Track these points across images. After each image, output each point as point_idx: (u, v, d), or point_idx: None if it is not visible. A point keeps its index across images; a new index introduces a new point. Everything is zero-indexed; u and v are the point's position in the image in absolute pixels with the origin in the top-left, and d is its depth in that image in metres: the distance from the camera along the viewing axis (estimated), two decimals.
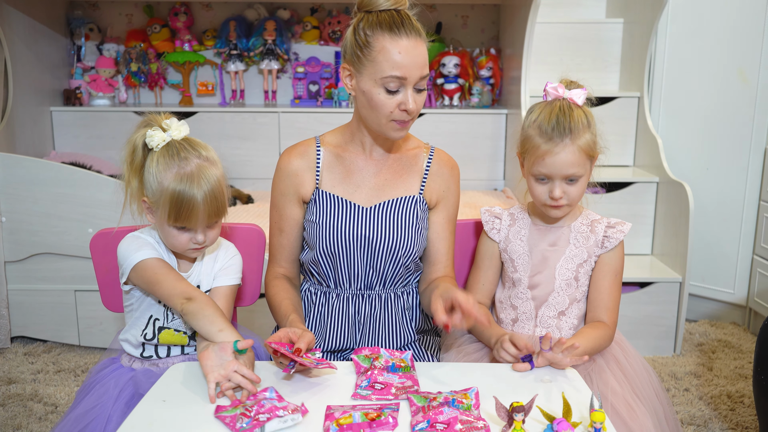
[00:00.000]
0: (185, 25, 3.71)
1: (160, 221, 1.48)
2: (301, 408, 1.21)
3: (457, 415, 1.20)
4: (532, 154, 1.57)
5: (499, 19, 3.76)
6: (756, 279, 3.15)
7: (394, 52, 1.50)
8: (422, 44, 1.54)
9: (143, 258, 1.49)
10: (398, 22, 1.52)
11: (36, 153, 3.36)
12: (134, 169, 1.49)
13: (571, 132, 1.54)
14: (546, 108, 1.57)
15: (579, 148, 1.55)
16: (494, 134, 3.60)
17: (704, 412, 2.48)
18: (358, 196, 1.66)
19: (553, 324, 1.65)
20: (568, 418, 1.15)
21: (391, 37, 1.50)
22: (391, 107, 1.54)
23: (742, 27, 3.10)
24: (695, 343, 3.07)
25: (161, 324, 1.57)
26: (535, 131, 1.56)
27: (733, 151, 3.19)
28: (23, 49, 3.25)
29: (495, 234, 1.71)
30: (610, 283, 1.65)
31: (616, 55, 3.56)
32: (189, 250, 1.51)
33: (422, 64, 1.53)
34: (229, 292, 1.59)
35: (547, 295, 1.65)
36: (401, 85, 1.52)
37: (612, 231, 1.64)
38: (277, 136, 3.59)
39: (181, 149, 1.45)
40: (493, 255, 1.72)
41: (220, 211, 1.49)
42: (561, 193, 1.56)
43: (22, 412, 2.41)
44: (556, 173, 1.55)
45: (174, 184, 1.43)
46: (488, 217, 1.74)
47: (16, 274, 2.90)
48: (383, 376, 1.36)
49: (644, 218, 3.25)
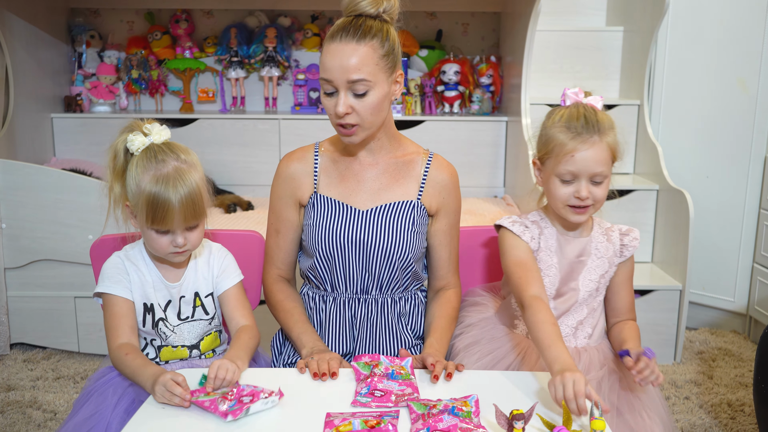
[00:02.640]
0: (186, 32, 3.72)
1: (141, 225, 1.49)
2: (278, 392, 1.29)
3: (457, 422, 1.20)
4: (558, 153, 1.54)
5: (499, 26, 3.77)
6: (756, 287, 3.15)
7: (324, 56, 1.55)
8: (358, 48, 1.51)
9: (105, 291, 1.53)
10: (341, 27, 1.54)
11: (36, 159, 3.36)
12: (116, 174, 1.51)
13: (599, 130, 1.53)
14: (571, 108, 1.57)
15: (608, 145, 1.54)
16: (494, 141, 3.60)
17: (704, 421, 2.48)
18: (355, 199, 1.66)
19: (570, 333, 1.65)
20: (569, 426, 1.14)
21: (328, 43, 1.55)
22: (330, 110, 1.57)
23: (741, 35, 3.11)
24: (695, 351, 3.07)
25: (159, 343, 1.57)
26: (561, 130, 1.54)
27: (733, 159, 3.19)
28: (24, 55, 3.26)
29: (530, 240, 1.62)
30: (629, 287, 1.68)
31: (616, 63, 3.56)
32: (171, 254, 1.51)
33: (349, 68, 1.51)
34: (237, 290, 1.62)
35: (570, 306, 1.64)
36: (333, 87, 1.54)
37: (627, 239, 1.67)
38: (278, 143, 3.59)
39: (159, 152, 1.46)
40: (529, 254, 1.61)
41: (198, 213, 1.48)
42: (587, 193, 1.53)
43: (21, 419, 2.40)
44: (584, 171, 1.53)
45: (150, 185, 1.44)
46: (517, 226, 1.63)
47: (15, 280, 2.90)
48: (383, 383, 1.37)
49: (644, 226, 3.24)
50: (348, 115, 1.55)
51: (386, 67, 1.56)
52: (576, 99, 1.59)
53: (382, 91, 1.56)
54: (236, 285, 1.62)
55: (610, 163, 1.56)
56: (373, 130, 1.61)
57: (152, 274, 1.55)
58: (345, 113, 1.54)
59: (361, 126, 1.57)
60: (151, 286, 1.55)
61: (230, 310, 1.61)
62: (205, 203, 1.50)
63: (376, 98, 1.55)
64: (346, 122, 1.56)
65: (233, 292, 1.62)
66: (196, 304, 1.58)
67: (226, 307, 1.61)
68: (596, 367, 1.58)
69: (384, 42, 1.55)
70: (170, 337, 1.56)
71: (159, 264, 1.56)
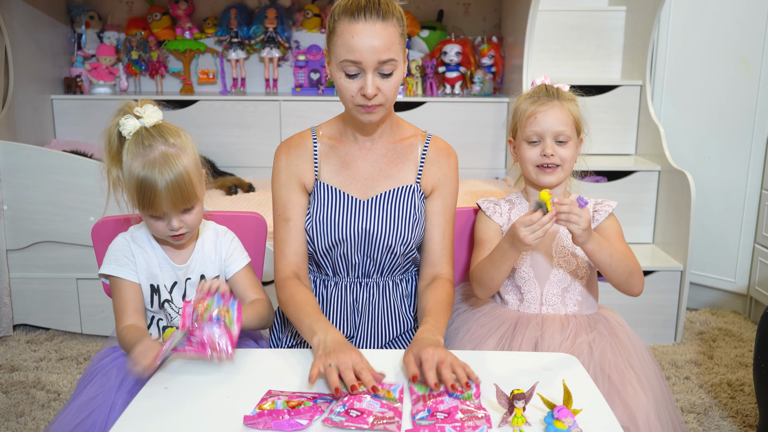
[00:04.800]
0: (186, 13, 3.70)
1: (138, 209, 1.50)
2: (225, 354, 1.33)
3: (458, 404, 1.21)
4: (522, 120, 1.69)
5: (501, 6, 3.75)
6: (757, 268, 3.15)
7: (349, 37, 1.49)
8: (385, 27, 1.49)
9: (111, 273, 1.54)
10: (361, 6, 1.49)
11: (37, 141, 3.36)
12: (112, 158, 1.52)
13: (559, 97, 1.68)
14: (535, 87, 1.74)
15: (568, 110, 1.67)
16: (496, 123, 3.59)
17: (704, 400, 2.49)
18: (354, 187, 1.65)
19: (558, 301, 1.70)
20: (569, 406, 1.15)
21: (349, 22, 1.49)
22: (352, 92, 1.53)
23: (745, 15, 3.09)
24: (696, 331, 3.08)
25: (164, 324, 1.58)
26: (525, 100, 1.70)
27: (735, 140, 3.18)
28: (24, 36, 3.24)
29: (498, 218, 1.75)
30: (619, 242, 1.69)
31: (619, 43, 3.54)
32: (169, 237, 1.52)
33: (379, 48, 1.49)
34: (247, 272, 1.65)
35: (548, 272, 1.69)
36: (359, 69, 1.51)
37: (600, 206, 1.73)
38: (278, 124, 3.58)
39: (147, 137, 1.46)
40: (495, 235, 1.74)
41: (188, 197, 1.47)
42: (552, 150, 1.65)
43: (25, 400, 2.42)
44: (547, 130, 1.65)
45: (138, 171, 1.44)
46: (487, 204, 1.78)
47: (17, 262, 2.91)
48: (363, 402, 1.22)
49: (645, 207, 3.25)
50: (375, 96, 1.53)
51: (403, 47, 1.56)
52: (543, 81, 1.75)
53: (402, 70, 1.56)
54: (246, 267, 1.64)
55: (573, 128, 1.68)
56: (390, 108, 1.62)
57: (158, 256, 1.56)
58: (374, 94, 1.52)
59: (383, 106, 1.56)
60: (158, 267, 1.55)
61: (243, 290, 1.63)
62: (196, 186, 1.49)
63: (399, 77, 1.55)
64: (373, 103, 1.53)
65: (243, 273, 1.64)
66: None
67: (237, 288, 1.63)
68: (585, 331, 1.64)
69: (400, 20, 1.54)
70: (175, 318, 1.57)
71: (165, 246, 1.57)
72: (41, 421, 2.31)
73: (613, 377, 1.53)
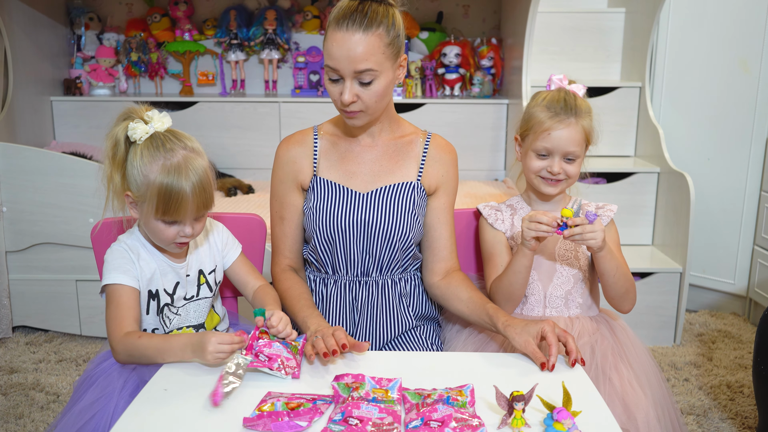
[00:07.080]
0: (185, 15, 3.70)
1: (147, 216, 1.45)
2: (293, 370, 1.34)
3: (452, 412, 1.19)
4: (536, 130, 1.66)
5: (500, 8, 3.75)
6: (756, 269, 3.15)
7: (330, 43, 1.52)
8: (365, 38, 1.50)
9: (112, 282, 1.48)
10: (347, 14, 1.51)
11: (36, 143, 3.36)
12: (116, 164, 1.47)
13: (576, 113, 1.65)
14: (553, 92, 1.70)
15: (583, 128, 1.66)
16: (495, 124, 3.59)
17: (704, 402, 2.49)
18: (354, 182, 1.67)
19: (561, 304, 1.70)
20: (568, 407, 1.15)
21: (333, 29, 1.52)
22: (335, 95, 1.56)
23: (744, 17, 3.09)
24: (695, 333, 3.08)
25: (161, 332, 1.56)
26: (541, 110, 1.67)
27: (734, 142, 3.18)
28: (23, 38, 3.24)
29: (500, 225, 1.75)
30: (618, 253, 1.70)
31: (618, 45, 3.54)
32: (174, 244, 1.49)
33: (356, 58, 1.49)
34: (243, 259, 1.67)
35: (551, 275, 1.70)
36: (338, 76, 1.53)
37: (601, 210, 1.74)
38: (278, 126, 3.58)
39: (166, 141, 1.42)
40: (503, 243, 1.75)
41: (209, 202, 1.46)
42: (560, 169, 1.66)
43: (24, 401, 2.42)
44: (558, 149, 1.65)
45: (161, 177, 1.40)
46: (489, 211, 1.78)
47: (17, 263, 2.90)
48: (360, 408, 1.21)
49: (645, 209, 3.25)
50: (353, 103, 1.55)
51: (392, 55, 1.55)
52: (560, 84, 1.71)
53: (387, 78, 1.56)
54: (241, 254, 1.66)
55: (583, 145, 1.68)
56: (377, 115, 1.62)
57: (157, 261, 1.53)
58: (351, 101, 1.54)
59: (365, 112, 1.58)
60: (158, 272, 1.52)
61: (243, 277, 1.65)
62: (213, 190, 1.48)
63: (382, 86, 1.55)
64: (351, 109, 1.56)
65: (240, 261, 1.66)
66: (200, 282, 1.58)
67: (237, 276, 1.65)
68: (588, 332, 1.65)
69: (390, 29, 1.53)
70: (174, 320, 1.55)
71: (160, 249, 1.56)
72: (40, 422, 2.30)
73: (614, 379, 1.54)
